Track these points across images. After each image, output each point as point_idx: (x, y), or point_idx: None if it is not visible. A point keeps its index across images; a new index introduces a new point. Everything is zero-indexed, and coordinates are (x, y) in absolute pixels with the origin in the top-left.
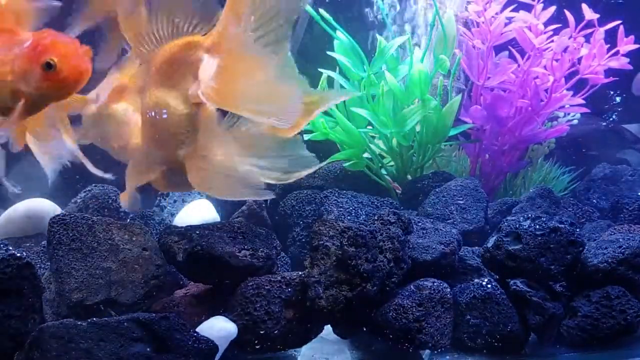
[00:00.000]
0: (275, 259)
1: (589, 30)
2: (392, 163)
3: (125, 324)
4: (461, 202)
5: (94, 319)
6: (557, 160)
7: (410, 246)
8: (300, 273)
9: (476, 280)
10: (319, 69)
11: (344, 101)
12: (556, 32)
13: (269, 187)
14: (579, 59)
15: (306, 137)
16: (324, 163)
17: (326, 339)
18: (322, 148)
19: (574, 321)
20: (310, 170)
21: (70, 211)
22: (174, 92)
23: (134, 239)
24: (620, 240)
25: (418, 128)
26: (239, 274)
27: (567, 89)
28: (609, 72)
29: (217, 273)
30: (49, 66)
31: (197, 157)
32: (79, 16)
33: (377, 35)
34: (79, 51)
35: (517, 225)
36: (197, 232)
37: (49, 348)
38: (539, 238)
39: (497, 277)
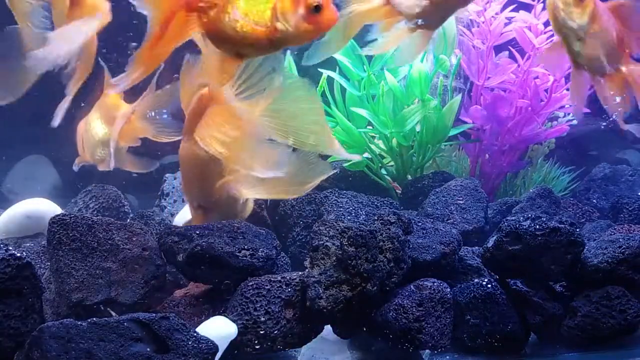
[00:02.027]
0: (275, 259)
1: None
2: (392, 163)
3: (125, 324)
4: (461, 202)
5: (94, 319)
6: (557, 160)
7: (410, 246)
8: (300, 273)
9: (476, 280)
10: (319, 69)
11: (344, 101)
12: None
13: None
14: None
15: None
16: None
17: (326, 339)
18: None
19: (574, 321)
20: (325, 176)
21: (70, 211)
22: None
23: (134, 239)
24: (620, 240)
25: (418, 128)
26: (239, 274)
27: (567, 89)
28: None
29: (217, 273)
30: (317, 8)
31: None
32: None
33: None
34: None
35: (517, 225)
36: (197, 232)
37: (49, 348)
38: (539, 238)
39: (497, 277)
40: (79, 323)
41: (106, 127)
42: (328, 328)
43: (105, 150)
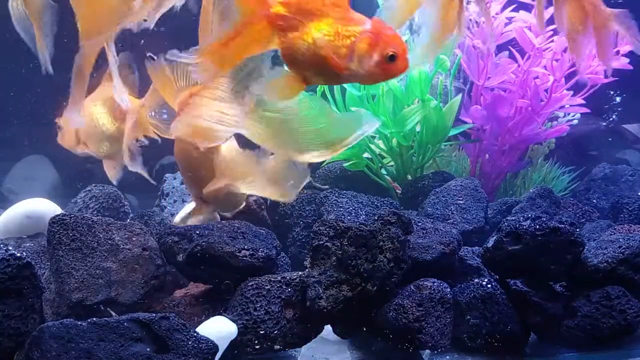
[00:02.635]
0: (275, 259)
1: None
2: (392, 163)
3: (125, 324)
4: (461, 202)
5: (94, 319)
6: (557, 160)
7: (410, 246)
8: (300, 273)
9: (476, 280)
10: None
11: (344, 101)
12: (556, 32)
13: None
14: None
15: None
16: (325, 163)
17: (326, 339)
18: None
19: (574, 321)
20: (306, 181)
21: (70, 211)
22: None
23: (134, 239)
24: (620, 240)
25: (418, 128)
26: (239, 274)
27: (567, 89)
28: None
29: (217, 273)
30: (391, 58)
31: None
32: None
33: None
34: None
35: (517, 225)
36: (197, 232)
37: (49, 348)
38: (539, 238)
39: (497, 277)
40: (79, 323)
41: (116, 122)
42: (328, 328)
43: (112, 146)
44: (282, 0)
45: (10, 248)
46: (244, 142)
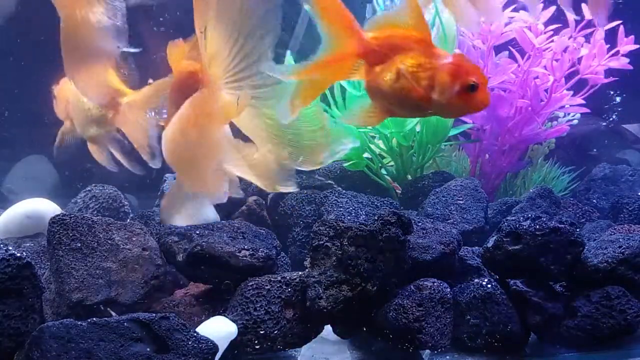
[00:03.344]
0: (275, 259)
1: (589, 30)
2: (392, 163)
3: (125, 324)
4: (461, 202)
5: (94, 319)
6: (557, 160)
7: (410, 246)
8: (300, 273)
9: (476, 280)
10: None
11: (344, 101)
12: (556, 32)
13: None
14: (579, 59)
15: None
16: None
17: (326, 339)
18: None
19: (574, 321)
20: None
21: (70, 211)
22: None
23: (134, 239)
24: (620, 240)
25: (418, 128)
26: (239, 274)
27: (567, 89)
28: (609, 72)
29: (217, 273)
30: (472, 88)
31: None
32: None
33: None
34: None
35: (517, 225)
36: (197, 232)
37: (49, 348)
38: (539, 238)
39: (497, 277)
40: (79, 323)
41: (102, 109)
42: (328, 328)
43: (96, 130)
44: (373, 35)
45: (10, 248)
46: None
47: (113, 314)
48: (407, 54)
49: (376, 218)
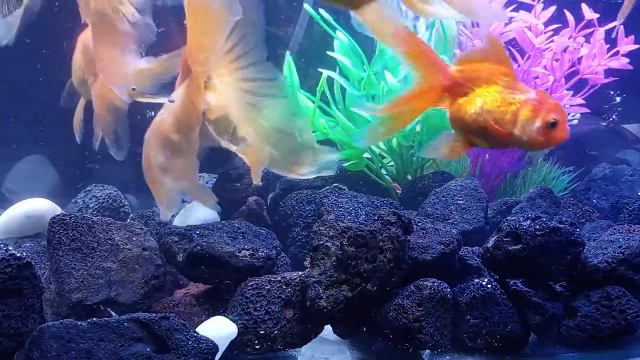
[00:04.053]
0: (275, 259)
1: (589, 30)
2: (392, 163)
3: (125, 324)
4: (461, 202)
5: (94, 319)
6: (557, 160)
7: (410, 246)
8: (300, 273)
9: (476, 280)
10: (319, 69)
11: (344, 101)
12: (556, 32)
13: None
14: (579, 59)
15: None
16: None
17: (326, 339)
18: None
19: (574, 321)
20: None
21: (70, 211)
22: None
23: (134, 239)
24: (620, 240)
25: (418, 128)
26: (239, 274)
27: (567, 89)
28: (608, 72)
29: (217, 273)
30: (552, 124)
31: None
32: None
33: None
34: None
35: (517, 225)
36: (197, 232)
37: (49, 348)
38: (539, 238)
39: (497, 277)
40: (79, 323)
41: (87, 75)
42: (328, 328)
43: (85, 94)
44: (458, 68)
45: (10, 248)
46: None
47: (113, 314)
48: (489, 87)
49: (376, 218)
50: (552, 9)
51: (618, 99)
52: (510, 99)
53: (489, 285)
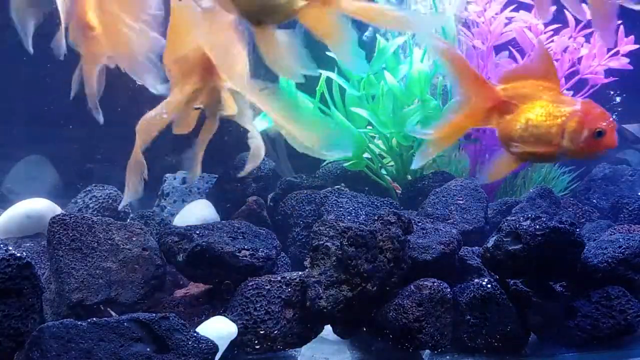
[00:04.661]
0: (275, 259)
1: (589, 30)
2: (392, 163)
3: (125, 324)
4: (461, 202)
5: (94, 319)
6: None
7: (410, 246)
8: (300, 273)
9: (476, 280)
10: (319, 70)
11: (344, 101)
12: (556, 32)
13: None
14: (579, 59)
15: None
16: (325, 163)
17: (326, 339)
18: None
19: (574, 321)
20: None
21: (70, 211)
22: None
23: (134, 239)
24: (620, 240)
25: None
26: (239, 274)
27: (567, 89)
28: (608, 72)
29: (217, 273)
30: (599, 134)
31: None
32: None
33: (377, 35)
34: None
35: (517, 225)
36: (197, 232)
37: (49, 348)
38: (539, 238)
39: (497, 277)
40: (79, 323)
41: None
42: (328, 328)
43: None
44: (503, 87)
45: (10, 248)
46: None
47: (113, 314)
48: (535, 103)
49: (376, 218)
50: (552, 9)
51: (618, 99)
52: (556, 112)
53: (489, 285)
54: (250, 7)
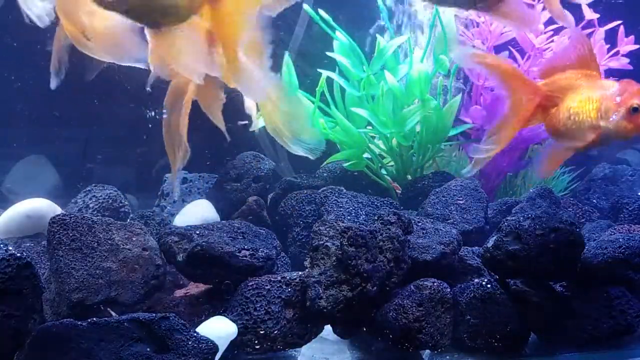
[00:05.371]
0: (275, 259)
1: (589, 30)
2: (392, 163)
3: (125, 324)
4: (461, 202)
5: (94, 319)
6: None
7: (410, 246)
8: (300, 273)
9: (476, 280)
10: (319, 70)
11: (344, 101)
12: (556, 32)
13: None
14: None
15: None
16: (325, 163)
17: (326, 339)
18: None
19: (574, 321)
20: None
21: (70, 211)
22: None
23: (134, 239)
24: (620, 240)
25: (418, 128)
26: (239, 274)
27: None
28: (609, 72)
29: (217, 273)
30: (635, 110)
31: None
32: None
33: (377, 35)
34: None
35: (517, 225)
36: (197, 232)
37: (49, 348)
38: (539, 238)
39: (497, 277)
40: (79, 323)
41: None
42: (328, 328)
43: None
44: (545, 82)
45: (11, 248)
46: None
47: (113, 314)
48: (576, 92)
49: (376, 218)
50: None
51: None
52: (594, 96)
53: (489, 285)
54: (142, 9)
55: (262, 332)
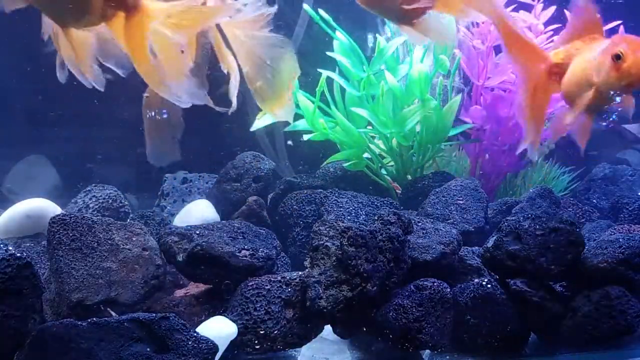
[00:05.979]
0: (275, 259)
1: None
2: (392, 163)
3: (125, 324)
4: (461, 202)
5: (94, 319)
6: (557, 160)
7: (410, 246)
8: (300, 273)
9: (476, 280)
10: (319, 69)
11: (344, 101)
12: (556, 32)
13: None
14: None
15: (306, 137)
16: (325, 163)
17: (326, 339)
18: (322, 148)
19: (574, 321)
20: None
21: (70, 211)
22: None
23: (134, 239)
24: (620, 240)
25: (418, 128)
26: (239, 274)
27: None
28: None
29: (217, 273)
30: (617, 57)
31: None
32: None
33: (377, 35)
34: None
35: (517, 225)
36: (197, 232)
37: (49, 348)
38: (539, 238)
39: (497, 277)
40: (79, 323)
41: None
42: (328, 328)
43: None
44: (554, 51)
45: (11, 248)
46: None
47: (113, 314)
48: (580, 56)
49: (376, 218)
50: (552, 9)
51: (618, 99)
52: (592, 55)
53: (489, 285)
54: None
55: (262, 332)
